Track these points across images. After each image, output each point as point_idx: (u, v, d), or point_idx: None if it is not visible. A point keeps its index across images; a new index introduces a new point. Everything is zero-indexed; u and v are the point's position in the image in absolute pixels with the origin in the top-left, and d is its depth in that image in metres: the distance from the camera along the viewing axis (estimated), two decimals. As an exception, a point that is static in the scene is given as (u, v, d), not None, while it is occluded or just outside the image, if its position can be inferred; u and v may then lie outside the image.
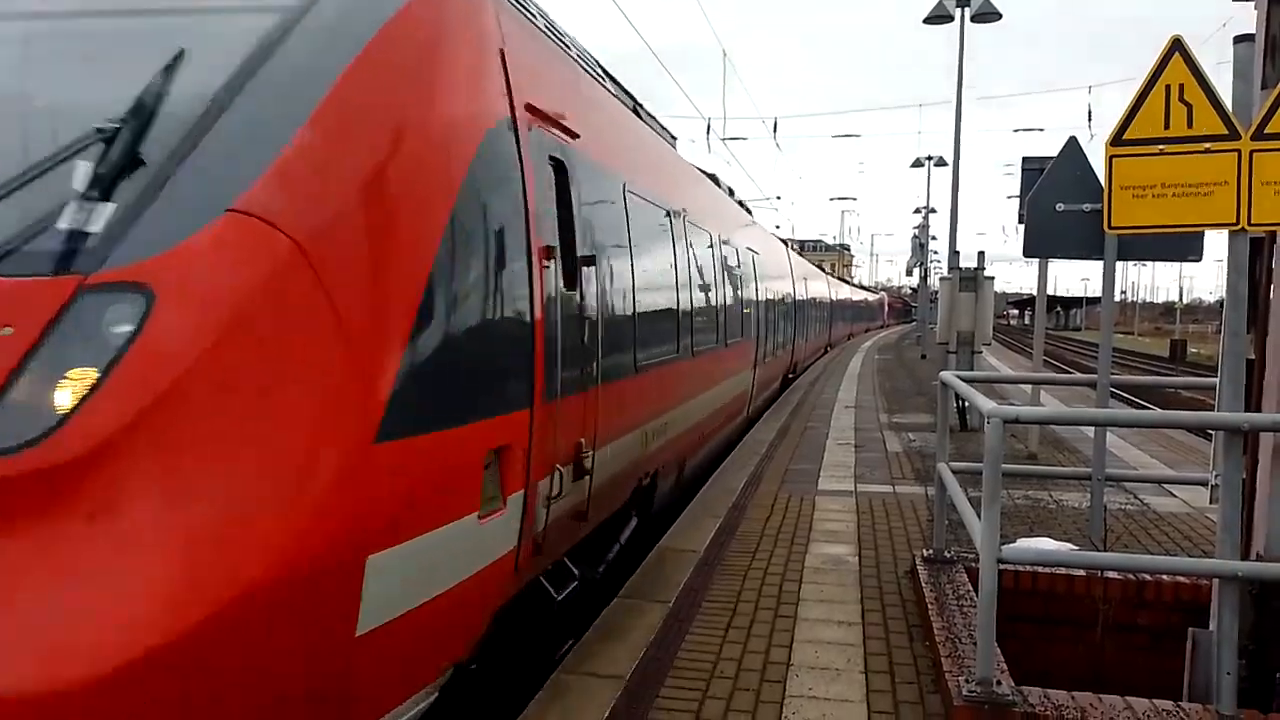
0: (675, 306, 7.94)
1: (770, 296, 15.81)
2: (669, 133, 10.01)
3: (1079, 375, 12.21)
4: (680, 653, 4.77)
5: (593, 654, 4.73)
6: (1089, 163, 6.59)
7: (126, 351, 2.86)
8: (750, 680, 4.45)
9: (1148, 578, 5.64)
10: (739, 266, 12.41)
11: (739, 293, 12.08)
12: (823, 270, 41.40)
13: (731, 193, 14.82)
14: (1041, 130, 40.65)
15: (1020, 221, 7.19)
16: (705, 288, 9.52)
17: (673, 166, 9.37)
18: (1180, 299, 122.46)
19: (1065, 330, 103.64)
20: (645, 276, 6.76)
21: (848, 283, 63.77)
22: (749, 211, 16.99)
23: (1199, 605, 5.08)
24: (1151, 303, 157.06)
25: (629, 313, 6.23)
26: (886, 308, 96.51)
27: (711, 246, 10.30)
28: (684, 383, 8.20)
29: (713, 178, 13.25)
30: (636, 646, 4.82)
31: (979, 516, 4.12)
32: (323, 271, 3.16)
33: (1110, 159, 4.49)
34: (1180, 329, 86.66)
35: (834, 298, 37.43)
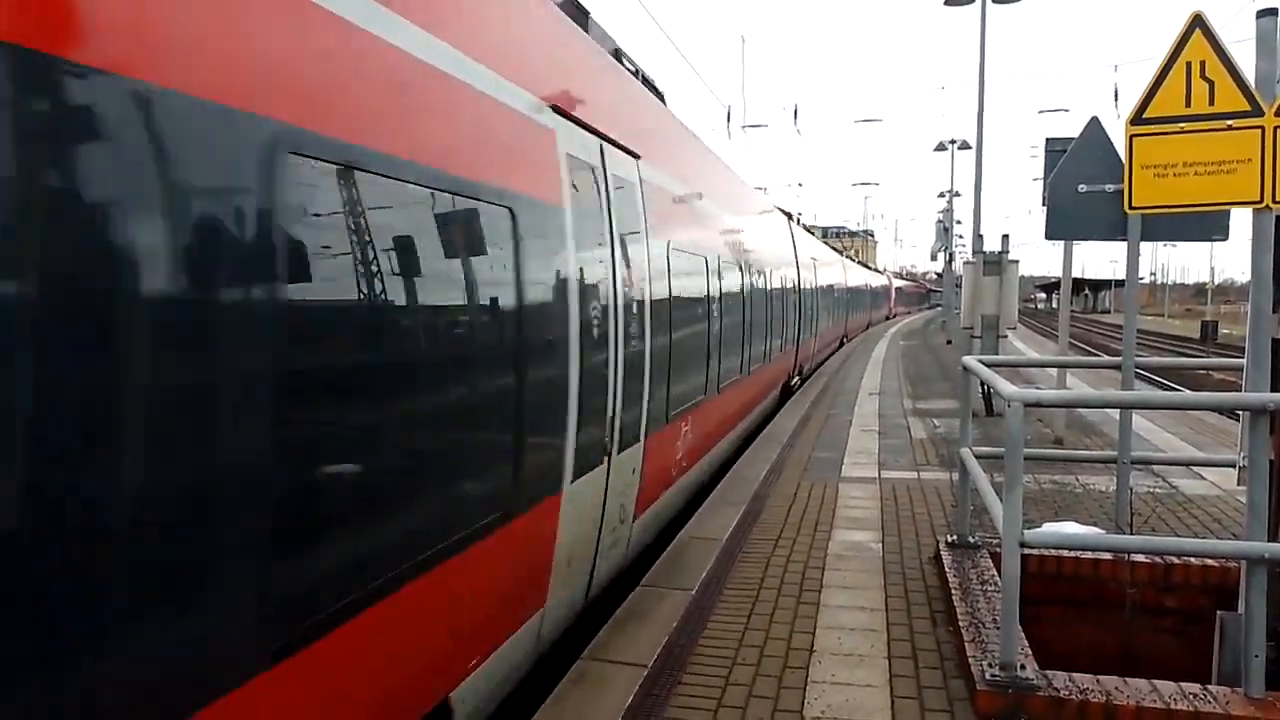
0: None
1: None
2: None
3: (1103, 358, 12.04)
4: (702, 639, 4.80)
5: (615, 641, 4.76)
6: (1111, 143, 6.49)
7: None
8: (773, 666, 4.47)
9: (1175, 560, 5.60)
10: None
11: None
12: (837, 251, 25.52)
13: None
14: (1067, 111, 40.13)
15: (1044, 204, 7.10)
16: None
17: None
18: (1211, 279, 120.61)
19: (1093, 313, 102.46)
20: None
21: (839, 251, 39.64)
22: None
23: (1227, 588, 5.04)
24: (1183, 284, 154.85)
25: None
26: (894, 294, 75.16)
27: None
28: None
29: None
30: (659, 634, 4.85)
31: (1001, 501, 4.11)
32: None
33: (1130, 138, 4.44)
34: (1212, 310, 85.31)
35: (803, 283, 18.20)
